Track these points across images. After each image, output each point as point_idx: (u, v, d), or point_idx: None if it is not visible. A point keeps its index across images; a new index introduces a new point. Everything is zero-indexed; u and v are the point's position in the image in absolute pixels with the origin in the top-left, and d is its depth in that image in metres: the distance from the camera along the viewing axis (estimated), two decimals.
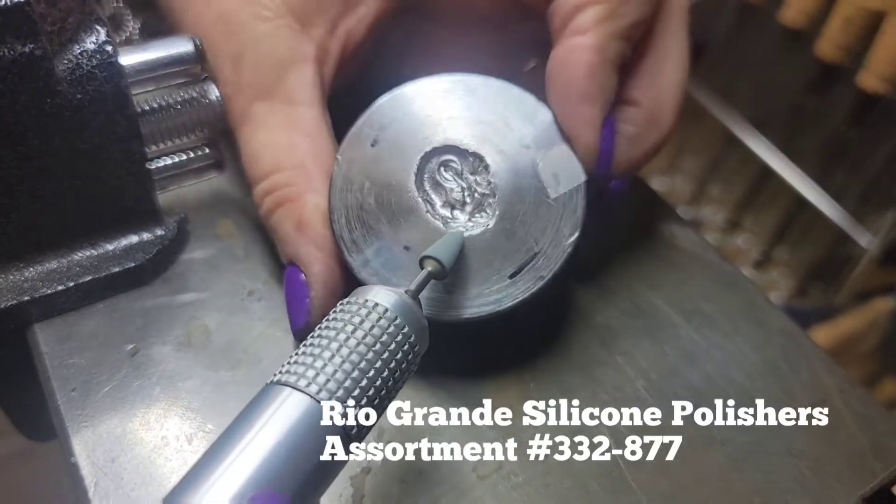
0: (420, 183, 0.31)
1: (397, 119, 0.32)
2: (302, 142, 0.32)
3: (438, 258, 0.28)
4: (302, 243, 0.32)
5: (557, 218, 0.31)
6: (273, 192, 0.32)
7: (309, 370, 0.23)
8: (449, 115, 0.31)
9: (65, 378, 0.32)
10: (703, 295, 0.37)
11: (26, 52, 0.28)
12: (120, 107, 0.31)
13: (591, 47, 0.29)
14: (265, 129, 0.33)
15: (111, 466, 0.29)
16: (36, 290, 0.33)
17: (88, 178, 0.32)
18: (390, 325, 0.24)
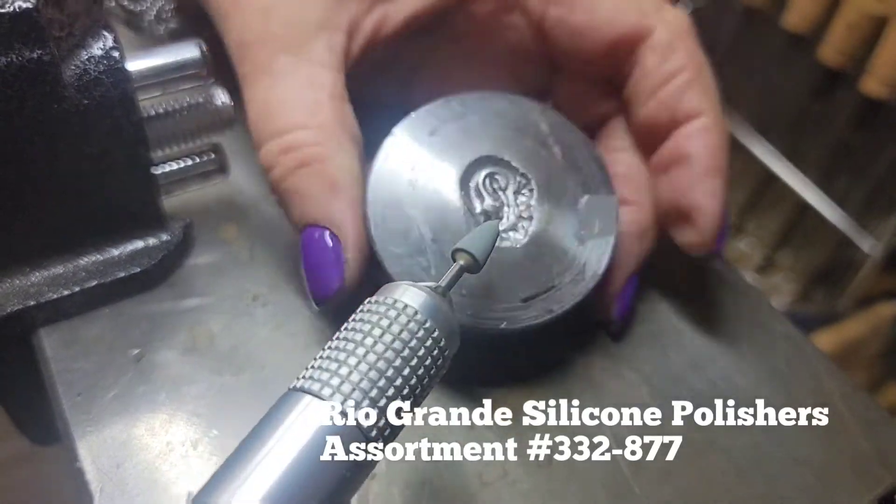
0: (465, 185, 0.32)
1: (461, 119, 0.32)
2: (327, 103, 0.31)
3: (471, 251, 0.26)
4: (336, 204, 0.30)
5: (582, 260, 0.32)
6: (295, 150, 0.31)
7: (333, 378, 0.22)
8: (507, 132, 0.33)
9: (70, 383, 0.32)
10: (707, 301, 0.37)
11: (34, 57, 0.28)
12: (126, 112, 0.31)
13: (715, 126, 0.33)
14: (287, 84, 0.31)
15: (116, 472, 0.29)
16: (41, 294, 0.33)
17: (94, 183, 0.32)
18: (419, 328, 0.23)
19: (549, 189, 0.32)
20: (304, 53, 0.32)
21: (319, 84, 0.32)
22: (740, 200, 0.99)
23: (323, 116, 0.31)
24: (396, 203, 0.31)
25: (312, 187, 0.31)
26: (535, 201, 0.32)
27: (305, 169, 0.31)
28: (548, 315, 0.31)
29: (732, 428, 0.32)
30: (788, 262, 0.95)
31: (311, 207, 0.31)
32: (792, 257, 0.95)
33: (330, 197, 0.31)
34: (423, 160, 0.32)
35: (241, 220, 0.38)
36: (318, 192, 0.31)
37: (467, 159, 0.32)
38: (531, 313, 0.31)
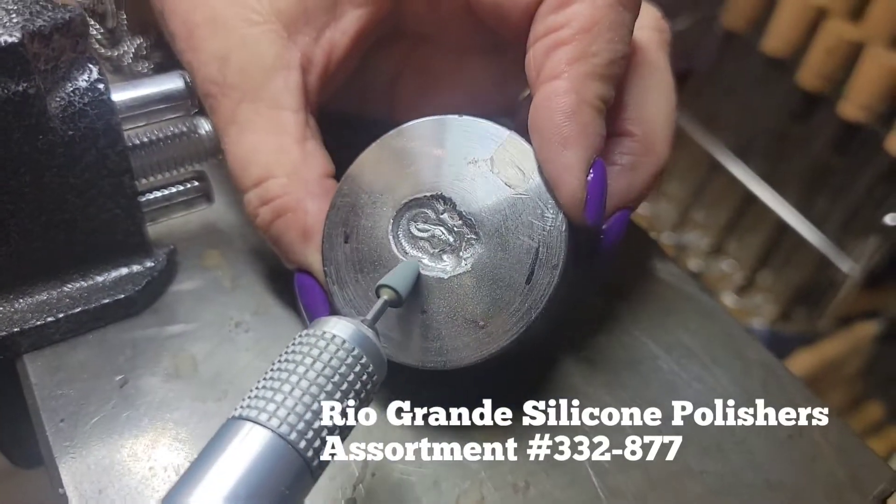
0: (397, 225, 0.31)
1: (366, 183, 0.32)
2: (292, 147, 0.33)
3: (394, 286, 0.29)
4: (310, 251, 0.32)
5: (525, 291, 0.30)
6: (270, 202, 0.33)
7: (269, 404, 0.23)
8: (416, 164, 0.31)
9: (53, 409, 0.32)
10: (683, 327, 0.38)
11: (20, 90, 0.29)
12: (111, 143, 0.32)
13: (567, 90, 0.29)
14: (252, 131, 0.33)
15: (99, 497, 0.30)
16: (26, 321, 0.33)
17: (79, 212, 0.33)
18: (348, 356, 0.25)
19: (491, 222, 0.30)
20: (263, 99, 0.33)
21: (282, 128, 0.33)
22: (721, 222, 1.00)
23: (289, 163, 0.33)
24: (345, 258, 0.32)
25: (288, 236, 0.33)
26: (475, 234, 0.31)
27: (281, 220, 0.33)
28: (491, 349, 0.30)
29: (709, 452, 0.33)
30: (768, 282, 0.97)
31: (292, 255, 0.33)
32: (772, 278, 0.96)
33: (303, 245, 0.33)
34: (365, 203, 0.32)
35: (224, 246, 0.39)
36: (293, 241, 0.33)
37: (386, 223, 0.31)
38: (475, 348, 0.30)
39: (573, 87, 0.29)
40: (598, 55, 0.30)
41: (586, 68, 0.29)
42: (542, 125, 0.30)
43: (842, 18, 0.85)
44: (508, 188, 0.30)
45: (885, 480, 0.33)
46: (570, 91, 0.29)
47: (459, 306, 0.30)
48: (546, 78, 0.30)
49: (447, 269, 0.31)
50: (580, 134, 0.29)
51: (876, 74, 0.79)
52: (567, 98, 0.29)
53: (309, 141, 0.33)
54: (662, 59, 0.35)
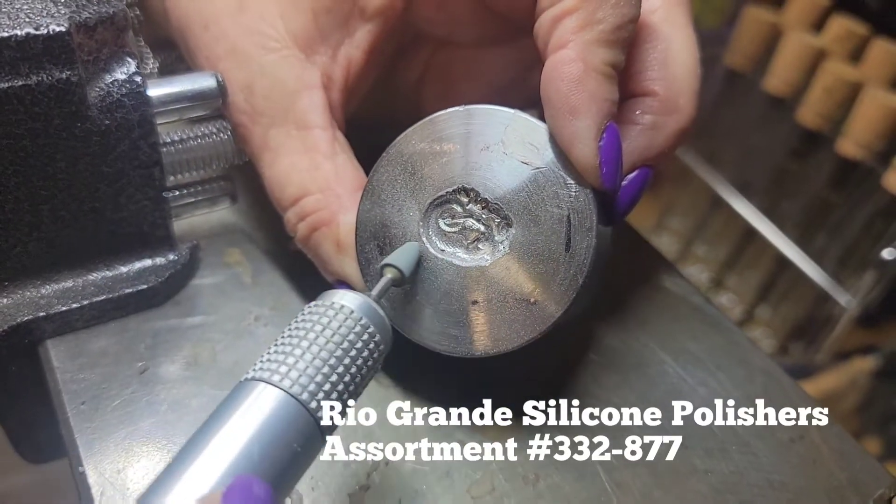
0: (430, 240, 0.32)
1: (387, 195, 0.32)
2: (323, 163, 0.34)
3: (398, 265, 0.30)
4: (346, 262, 0.34)
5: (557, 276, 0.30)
6: (306, 218, 0.34)
7: (281, 366, 0.24)
8: (430, 164, 0.32)
9: (75, 392, 0.33)
10: (689, 335, 0.39)
11: (63, 78, 0.30)
12: (145, 134, 0.33)
13: (573, 59, 0.29)
14: (285, 154, 0.34)
15: (118, 477, 0.30)
16: (51, 306, 0.34)
17: (109, 201, 0.34)
18: (356, 324, 0.26)
19: (517, 201, 0.31)
20: (291, 121, 0.35)
21: (313, 147, 0.34)
22: (721, 256, 1.01)
23: (322, 179, 0.34)
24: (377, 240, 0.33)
25: (324, 249, 0.34)
26: (504, 217, 0.31)
27: (317, 233, 0.34)
28: (547, 323, 0.30)
29: (713, 453, 0.34)
30: (767, 316, 0.97)
31: (329, 266, 0.35)
32: (771, 312, 0.97)
33: (338, 256, 0.34)
34: (389, 226, 0.32)
35: (245, 245, 0.40)
36: (329, 254, 0.34)
37: (428, 199, 0.32)
38: (531, 326, 0.31)
39: (579, 55, 0.29)
40: (605, 21, 0.30)
41: (592, 35, 0.29)
42: (551, 95, 0.30)
43: (841, 59, 0.88)
44: (526, 166, 0.30)
45: (884, 485, 0.34)
46: (576, 59, 0.29)
47: (507, 289, 0.31)
48: (553, 48, 0.30)
49: (486, 256, 0.31)
50: (589, 101, 0.29)
51: (874, 114, 0.81)
52: (573, 66, 0.29)
53: (339, 156, 0.35)
54: (682, 16, 0.35)
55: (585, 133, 0.29)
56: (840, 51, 0.90)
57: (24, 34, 0.29)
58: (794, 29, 0.92)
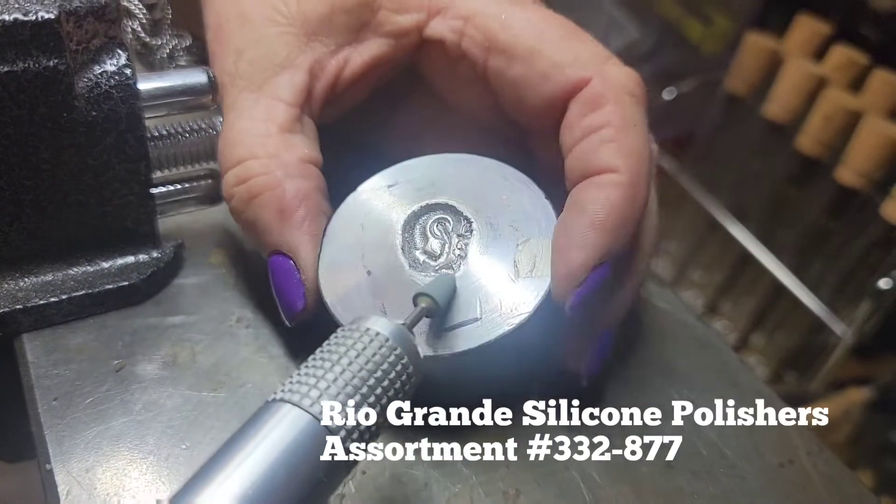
0: (409, 228, 0.33)
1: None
2: (277, 134, 0.33)
3: (434, 296, 0.29)
4: (287, 230, 0.32)
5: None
6: (248, 181, 0.33)
7: (312, 390, 0.23)
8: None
9: (47, 388, 0.32)
10: (679, 353, 0.38)
11: (50, 66, 0.30)
12: (132, 127, 0.33)
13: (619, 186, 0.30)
14: (245, 118, 0.34)
15: (85, 476, 0.29)
16: (29, 299, 0.33)
17: (93, 195, 0.33)
18: (391, 353, 0.25)
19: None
20: (265, 91, 0.34)
21: (272, 118, 0.34)
22: (716, 282, 1.01)
23: (272, 146, 0.33)
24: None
25: (265, 217, 0.33)
26: (473, 241, 0.32)
27: (257, 199, 0.33)
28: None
29: (700, 475, 0.33)
30: (762, 344, 0.97)
31: (269, 236, 0.33)
32: (765, 339, 0.96)
33: (280, 225, 0.33)
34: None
35: (230, 246, 0.39)
36: (270, 221, 0.33)
37: (415, 205, 0.33)
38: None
39: (630, 186, 0.30)
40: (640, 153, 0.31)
41: (637, 170, 0.31)
42: (589, 205, 0.30)
43: (841, 88, 0.88)
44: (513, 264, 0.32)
45: None
46: (625, 187, 0.30)
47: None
48: (601, 170, 0.31)
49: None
50: (622, 230, 0.30)
51: (873, 143, 0.81)
52: (621, 193, 0.30)
53: (296, 134, 0.34)
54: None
55: (595, 251, 0.30)
56: (840, 79, 0.90)
57: (12, 19, 0.29)
58: (795, 56, 0.92)
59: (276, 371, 0.34)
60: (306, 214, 0.33)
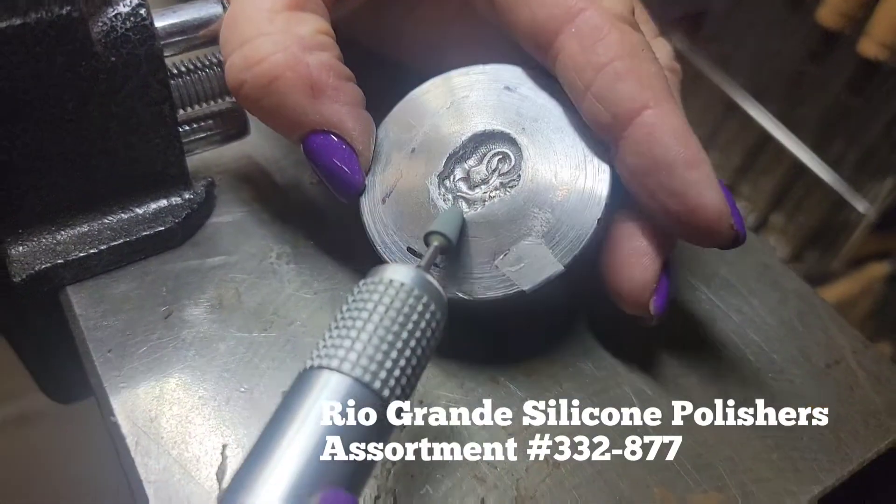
0: (455, 159, 0.32)
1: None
2: (283, 10, 0.30)
3: (444, 232, 0.29)
4: (326, 107, 0.30)
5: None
6: (261, 62, 0.29)
7: (347, 352, 0.23)
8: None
9: (100, 340, 0.32)
10: (719, 259, 0.38)
11: (63, 14, 0.28)
12: (153, 70, 0.31)
13: (664, 117, 0.28)
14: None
15: (151, 425, 0.30)
16: (68, 252, 0.33)
17: (120, 142, 0.33)
18: (409, 296, 0.25)
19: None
20: None
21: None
22: (735, 163, 0.99)
23: (281, 21, 0.30)
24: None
25: (293, 99, 0.30)
26: (522, 167, 0.31)
27: (278, 82, 0.29)
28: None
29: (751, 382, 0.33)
30: (782, 223, 0.96)
31: (301, 118, 0.30)
32: (785, 219, 0.96)
33: (316, 102, 0.30)
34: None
35: (260, 179, 0.39)
36: (301, 103, 0.30)
37: (465, 135, 0.32)
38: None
39: (667, 109, 0.29)
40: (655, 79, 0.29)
41: (662, 90, 0.29)
42: (667, 155, 0.28)
43: None
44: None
45: None
46: (667, 113, 0.29)
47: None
48: (633, 110, 0.28)
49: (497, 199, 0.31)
50: (696, 145, 0.29)
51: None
52: (670, 120, 0.28)
53: (307, 12, 0.31)
54: None
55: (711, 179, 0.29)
56: None
57: None
58: None
59: (323, 306, 0.34)
60: (339, 85, 0.30)
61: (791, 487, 0.31)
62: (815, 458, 0.32)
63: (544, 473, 0.30)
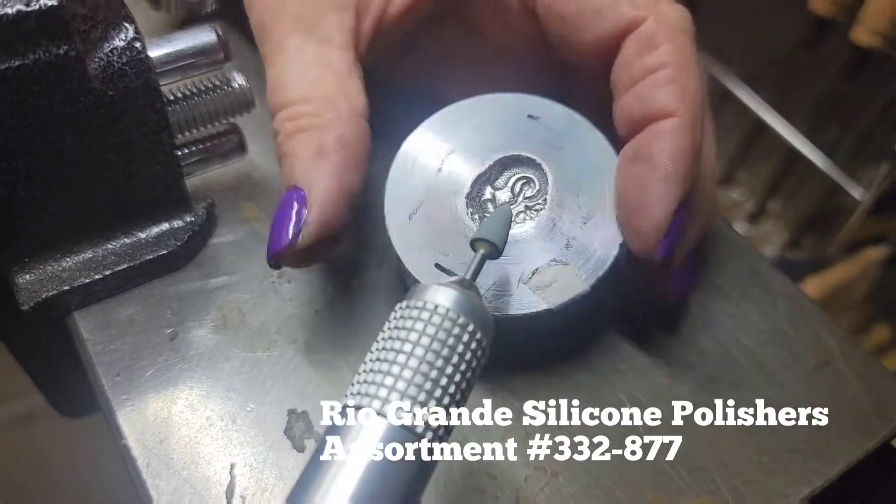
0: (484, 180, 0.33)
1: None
2: (332, 79, 0.32)
3: (490, 239, 0.28)
4: (317, 167, 0.31)
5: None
6: (297, 119, 0.32)
7: (382, 389, 0.23)
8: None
9: (108, 364, 0.33)
10: (709, 263, 0.39)
11: (60, 53, 0.29)
12: (150, 101, 0.32)
13: (681, 130, 0.30)
14: (298, 61, 0.33)
15: (161, 447, 0.31)
16: (74, 279, 0.34)
17: (120, 171, 0.33)
18: (454, 325, 0.24)
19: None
20: (315, 32, 0.33)
21: (326, 61, 0.33)
22: (730, 150, 1.00)
23: (324, 90, 0.32)
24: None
25: (302, 151, 0.31)
26: (547, 193, 0.33)
27: (301, 135, 0.32)
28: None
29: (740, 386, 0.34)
30: (778, 210, 0.97)
31: (296, 169, 0.32)
32: (782, 205, 0.97)
33: (314, 161, 0.31)
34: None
35: (260, 198, 0.39)
36: (304, 156, 0.31)
37: (492, 158, 0.34)
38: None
39: (690, 129, 0.30)
40: (697, 92, 0.31)
41: (694, 112, 0.30)
42: (659, 155, 0.30)
43: None
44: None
45: None
46: (687, 131, 0.30)
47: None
48: (662, 113, 0.30)
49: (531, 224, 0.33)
50: (689, 172, 0.30)
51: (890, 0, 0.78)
52: (685, 137, 0.30)
53: (350, 79, 0.33)
54: None
55: (674, 199, 0.30)
56: None
57: (15, 12, 0.28)
58: None
59: (325, 325, 0.35)
60: (342, 161, 0.31)
61: (781, 489, 0.32)
62: (805, 460, 0.32)
63: (542, 482, 0.31)
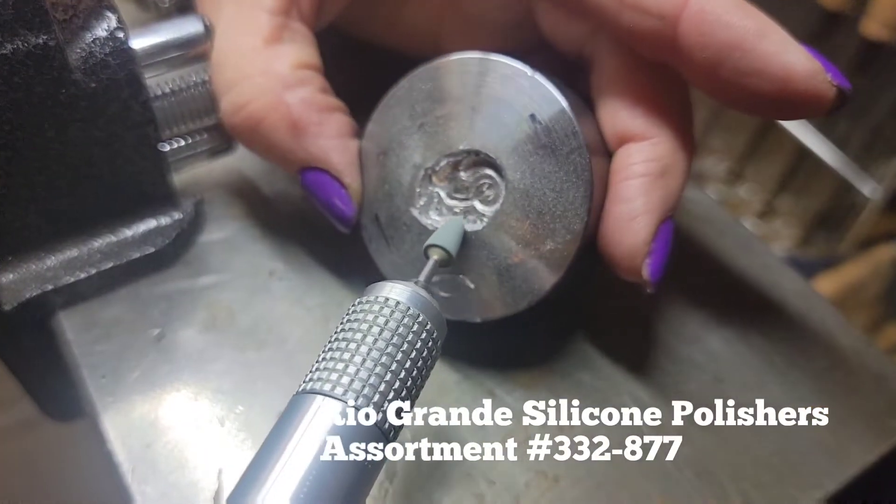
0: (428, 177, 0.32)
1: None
2: (262, 49, 0.31)
3: (444, 246, 0.28)
4: (307, 144, 0.31)
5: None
6: (246, 107, 0.31)
7: (340, 376, 0.23)
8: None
9: (93, 365, 0.32)
10: (719, 260, 0.38)
11: (40, 43, 0.28)
12: (134, 93, 0.31)
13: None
14: (230, 33, 0.32)
15: (146, 452, 0.30)
16: (58, 278, 0.33)
17: (104, 166, 0.32)
18: (413, 321, 0.25)
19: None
20: (245, 1, 0.32)
21: (256, 28, 0.32)
22: (740, 147, 0.98)
23: (262, 61, 0.31)
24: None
25: (278, 139, 0.31)
26: (502, 180, 0.30)
27: (262, 124, 0.31)
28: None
29: (749, 386, 0.33)
30: (788, 207, 0.96)
31: (289, 156, 0.31)
32: (792, 202, 0.95)
33: (298, 140, 0.31)
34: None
35: (250, 194, 0.38)
36: (286, 142, 0.31)
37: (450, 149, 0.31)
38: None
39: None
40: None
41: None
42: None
43: None
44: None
45: None
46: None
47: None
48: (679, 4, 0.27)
49: (482, 218, 0.31)
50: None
51: None
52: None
53: (285, 44, 0.32)
54: None
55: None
56: None
57: None
58: None
59: (317, 323, 0.34)
60: (321, 120, 0.31)
61: (793, 492, 0.31)
62: (817, 462, 0.31)
63: (544, 488, 0.30)
